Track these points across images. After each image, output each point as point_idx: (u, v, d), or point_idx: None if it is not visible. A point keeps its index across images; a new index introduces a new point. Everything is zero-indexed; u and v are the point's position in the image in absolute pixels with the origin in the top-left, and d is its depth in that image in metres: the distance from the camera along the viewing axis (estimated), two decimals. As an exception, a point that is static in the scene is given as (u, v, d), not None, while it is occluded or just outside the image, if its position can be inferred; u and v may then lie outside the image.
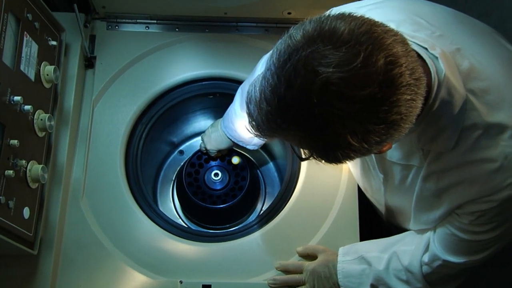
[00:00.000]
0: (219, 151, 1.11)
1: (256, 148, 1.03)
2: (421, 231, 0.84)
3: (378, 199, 0.92)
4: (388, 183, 0.82)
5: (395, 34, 0.55)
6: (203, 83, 1.10)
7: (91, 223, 0.95)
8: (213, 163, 1.17)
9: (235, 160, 1.15)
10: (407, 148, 0.72)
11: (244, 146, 1.02)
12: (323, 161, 0.58)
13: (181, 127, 1.25)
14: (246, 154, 1.24)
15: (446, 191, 0.71)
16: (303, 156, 0.61)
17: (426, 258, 0.82)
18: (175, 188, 1.23)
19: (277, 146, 1.22)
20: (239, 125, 0.97)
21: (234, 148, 1.11)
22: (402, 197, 0.81)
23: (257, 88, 0.57)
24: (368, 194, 0.96)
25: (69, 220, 0.96)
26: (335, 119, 0.53)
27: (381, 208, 0.94)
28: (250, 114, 0.60)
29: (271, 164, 1.27)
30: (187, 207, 1.18)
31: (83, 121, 1.04)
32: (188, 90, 1.10)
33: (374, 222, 1.03)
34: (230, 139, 1.02)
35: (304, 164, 1.03)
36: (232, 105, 0.98)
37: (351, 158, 0.57)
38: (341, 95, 0.51)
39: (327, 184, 1.00)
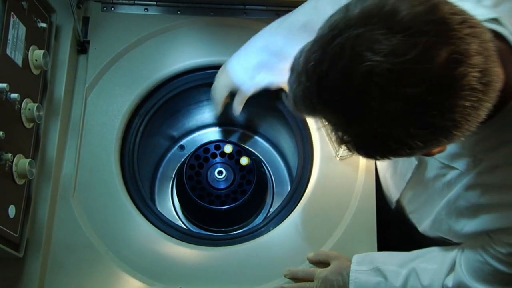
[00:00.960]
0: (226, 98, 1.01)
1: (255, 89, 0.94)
2: (446, 249, 0.80)
3: (397, 184, 0.88)
4: (418, 172, 0.78)
5: (474, 25, 0.50)
6: (207, 71, 1.08)
7: (82, 224, 0.94)
8: (217, 159, 1.16)
9: (244, 160, 1.13)
10: (458, 149, 0.67)
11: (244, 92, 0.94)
12: (355, 152, 0.56)
13: (182, 120, 1.24)
14: (255, 152, 1.22)
15: (488, 209, 0.68)
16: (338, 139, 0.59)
17: (449, 283, 0.78)
18: (175, 187, 1.21)
19: (287, 143, 1.20)
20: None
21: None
22: (426, 194, 0.78)
23: (302, 59, 0.55)
24: (386, 181, 0.92)
25: (58, 220, 0.94)
26: (374, 115, 0.50)
27: (394, 196, 0.91)
28: (290, 83, 0.58)
29: (280, 162, 1.26)
30: (187, 207, 1.17)
31: (75, 111, 1.02)
32: (190, 79, 1.09)
33: (394, 228, 1.02)
34: (232, 82, 0.94)
35: (316, 163, 1.02)
36: (268, 31, 0.90)
37: (388, 158, 0.54)
38: (384, 90, 0.48)
39: (342, 184, 0.99)
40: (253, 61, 0.92)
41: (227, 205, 1.10)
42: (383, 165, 0.94)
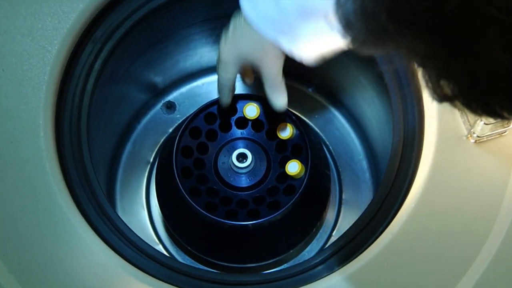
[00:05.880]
0: (245, 74, 1.07)
1: (313, 62, 0.99)
2: None
3: None
4: None
5: None
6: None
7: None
8: (236, 132, 1.13)
9: (285, 131, 1.10)
10: None
11: (291, 54, 0.98)
12: (465, 108, 0.58)
13: (173, 54, 1.25)
14: (308, 121, 1.25)
15: None
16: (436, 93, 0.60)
17: None
18: (155, 181, 1.21)
19: (369, 106, 1.20)
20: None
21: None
22: None
23: None
24: None
25: None
26: (492, 29, 0.50)
27: None
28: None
29: (356, 143, 1.29)
30: (177, 220, 1.17)
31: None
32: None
33: None
34: (264, 37, 0.97)
35: (429, 147, 0.99)
36: None
37: None
38: None
39: (480, 190, 0.97)
40: None
41: (254, 219, 1.07)
42: None
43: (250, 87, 1.25)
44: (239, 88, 1.29)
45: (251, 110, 1.10)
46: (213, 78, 1.30)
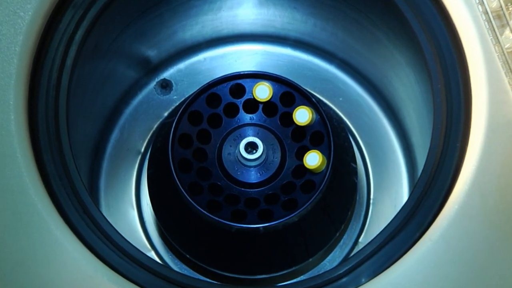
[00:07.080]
0: None
1: None
2: None
3: None
4: None
5: None
6: None
7: None
8: (244, 117, 1.13)
9: (302, 116, 1.08)
10: None
11: None
12: None
13: (170, 24, 1.28)
14: (329, 104, 1.27)
15: None
16: None
17: None
18: (147, 174, 1.22)
19: (404, 86, 1.22)
20: None
21: None
22: None
23: None
24: None
25: None
26: None
27: None
28: None
29: (388, 128, 1.34)
30: (172, 220, 1.17)
31: None
32: None
33: None
34: None
35: (478, 133, 0.98)
36: None
37: None
38: None
39: None
40: None
41: (265, 221, 1.06)
42: None
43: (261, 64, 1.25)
44: (248, 65, 1.31)
45: (262, 91, 1.09)
46: (217, 52, 1.32)
